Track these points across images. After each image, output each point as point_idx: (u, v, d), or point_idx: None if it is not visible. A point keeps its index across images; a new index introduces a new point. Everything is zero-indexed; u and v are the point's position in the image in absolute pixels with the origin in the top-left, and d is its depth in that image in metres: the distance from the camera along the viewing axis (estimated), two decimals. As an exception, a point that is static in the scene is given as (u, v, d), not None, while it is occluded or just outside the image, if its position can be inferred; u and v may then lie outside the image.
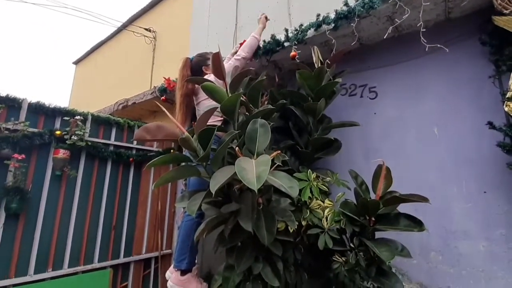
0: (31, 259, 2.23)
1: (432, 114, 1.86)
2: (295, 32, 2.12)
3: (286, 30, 2.20)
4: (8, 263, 2.11)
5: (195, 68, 2.11)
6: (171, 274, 1.93)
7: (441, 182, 1.74)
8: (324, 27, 1.98)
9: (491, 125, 1.52)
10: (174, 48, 4.18)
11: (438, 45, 1.72)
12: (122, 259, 2.76)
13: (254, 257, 1.41)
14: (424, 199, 1.23)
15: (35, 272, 2.23)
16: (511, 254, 1.47)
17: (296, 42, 2.11)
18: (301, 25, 2.11)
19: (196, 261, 2.00)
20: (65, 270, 2.39)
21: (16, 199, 2.10)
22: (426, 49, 1.72)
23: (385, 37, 1.91)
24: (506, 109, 1.45)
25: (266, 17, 2.30)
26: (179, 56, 3.95)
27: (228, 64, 1.98)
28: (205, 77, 1.90)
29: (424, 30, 1.71)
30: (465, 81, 1.77)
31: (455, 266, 1.62)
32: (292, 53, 2.13)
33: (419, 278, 1.72)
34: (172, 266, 1.98)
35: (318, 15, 2.01)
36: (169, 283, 1.89)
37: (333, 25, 1.93)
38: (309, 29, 2.06)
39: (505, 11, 1.46)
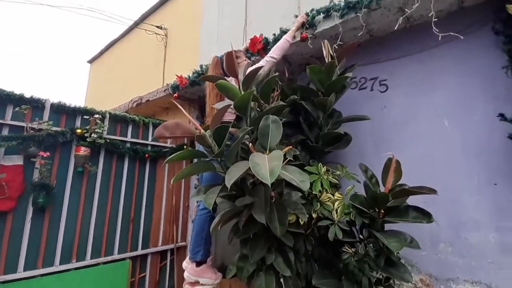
0: (57, 250, 2.37)
1: (443, 106, 1.85)
2: (305, 14, 2.13)
3: (296, 17, 2.22)
4: (36, 255, 2.26)
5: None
6: (188, 265, 2.03)
7: (452, 174, 1.75)
8: (333, 13, 2.00)
9: (502, 116, 1.52)
10: (185, 44, 4.24)
11: (451, 33, 1.69)
12: (140, 251, 2.89)
13: (267, 248, 1.48)
14: (432, 191, 1.25)
15: (61, 263, 2.37)
16: (522, 245, 1.47)
17: (307, 26, 2.12)
18: (312, 9, 2.13)
19: (210, 252, 2.09)
20: (88, 261, 2.52)
21: (42, 194, 2.23)
22: (439, 39, 1.70)
23: (395, 29, 1.90)
24: (518, 100, 1.44)
25: (303, 22, 2.14)
26: (190, 52, 4.03)
27: (262, 65, 1.88)
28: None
29: (436, 19, 1.69)
30: (477, 72, 1.75)
31: (464, 257, 1.63)
32: (303, 34, 2.13)
33: (428, 269, 1.75)
34: (188, 257, 2.08)
35: (331, 1, 2.04)
36: (185, 274, 1.99)
37: (340, 12, 1.94)
38: (319, 13, 2.07)
39: (519, 0, 1.43)
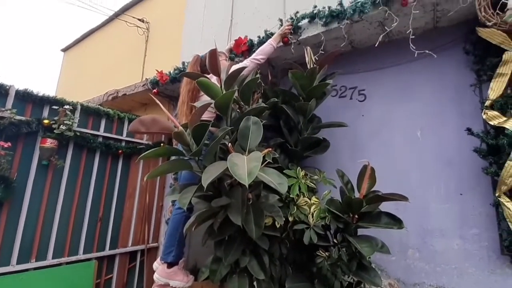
0: (14, 248, 2.19)
1: (417, 117, 1.94)
2: (290, 21, 2.16)
3: (281, 20, 2.24)
4: (-11, 253, 2.07)
5: (205, 65, 2.09)
6: (159, 266, 1.95)
7: (422, 183, 1.83)
8: (317, 20, 2.03)
9: (469, 131, 1.61)
10: (167, 40, 4.13)
11: (427, 51, 1.79)
12: (107, 251, 2.75)
13: (241, 251, 1.46)
14: (404, 198, 1.30)
15: (18, 262, 2.19)
16: (482, 252, 1.57)
17: (291, 32, 2.15)
18: (297, 12, 2.16)
19: (183, 254, 2.03)
20: (49, 261, 2.36)
21: (1, 188, 2.06)
22: (415, 55, 1.79)
23: (376, 45, 1.96)
24: (484, 116, 1.54)
25: (288, 29, 2.14)
26: (172, 48, 3.93)
27: (246, 65, 1.94)
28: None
29: (413, 37, 1.78)
30: (449, 87, 1.86)
31: (430, 263, 1.72)
32: (284, 38, 2.16)
33: (397, 274, 1.81)
34: (159, 258, 2.01)
35: (315, 6, 2.08)
36: (155, 275, 1.91)
37: (324, 20, 1.98)
38: (304, 18, 2.10)
39: (488, 23, 1.53)
